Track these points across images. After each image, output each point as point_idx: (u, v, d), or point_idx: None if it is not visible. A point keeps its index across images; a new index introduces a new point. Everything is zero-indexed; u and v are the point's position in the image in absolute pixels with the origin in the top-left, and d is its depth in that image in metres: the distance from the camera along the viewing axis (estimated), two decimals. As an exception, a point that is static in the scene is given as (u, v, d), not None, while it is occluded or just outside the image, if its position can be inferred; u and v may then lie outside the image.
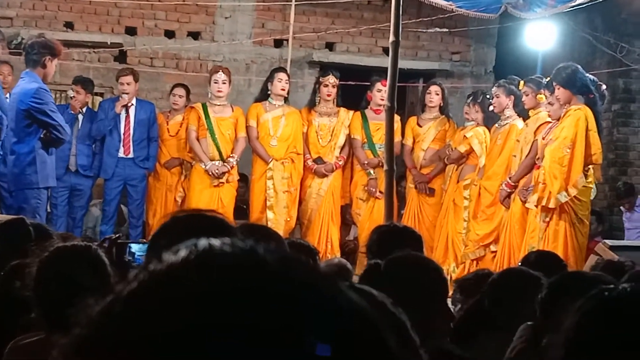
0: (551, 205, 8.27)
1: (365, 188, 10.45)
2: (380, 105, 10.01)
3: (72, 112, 10.37)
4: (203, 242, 0.88)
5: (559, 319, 2.43)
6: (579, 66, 8.66)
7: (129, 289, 0.86)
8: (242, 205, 10.73)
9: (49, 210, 9.59)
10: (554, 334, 2.59)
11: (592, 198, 8.70)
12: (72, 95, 10.53)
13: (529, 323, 3.69)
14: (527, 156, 9.06)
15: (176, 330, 0.80)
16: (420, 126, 10.70)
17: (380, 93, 10.13)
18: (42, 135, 8.20)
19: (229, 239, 0.89)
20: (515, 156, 9.35)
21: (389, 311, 1.39)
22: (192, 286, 0.83)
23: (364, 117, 10.61)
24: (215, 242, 0.88)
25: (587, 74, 8.72)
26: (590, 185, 8.40)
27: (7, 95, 8.62)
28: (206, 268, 0.85)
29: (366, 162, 10.48)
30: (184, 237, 0.92)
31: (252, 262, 0.86)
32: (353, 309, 0.87)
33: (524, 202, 8.84)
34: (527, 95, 9.34)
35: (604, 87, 8.92)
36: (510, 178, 9.22)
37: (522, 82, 9.50)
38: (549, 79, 8.89)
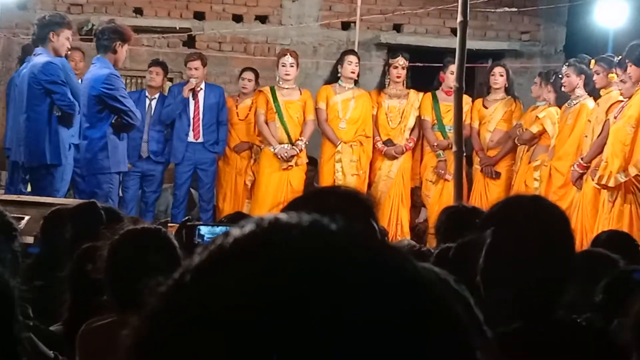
0: (610, 184, 8.16)
1: (435, 170, 10.41)
2: (452, 87, 9.95)
3: (149, 95, 10.49)
4: (269, 216, 0.88)
5: (628, 302, 2.41)
6: (653, 44, 8.49)
7: (197, 262, 0.86)
8: (314, 187, 10.76)
9: (120, 195, 9.69)
10: (623, 317, 2.57)
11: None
12: (150, 77, 10.63)
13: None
14: (598, 136, 8.93)
15: (241, 304, 0.80)
16: (486, 107, 10.62)
17: (453, 75, 10.06)
18: (113, 121, 8.30)
19: (296, 214, 0.89)
20: (586, 136, 9.23)
21: (452, 288, 1.39)
22: (257, 261, 0.83)
23: (435, 99, 10.56)
24: (282, 216, 0.88)
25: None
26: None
27: (80, 80, 8.73)
28: (272, 242, 0.85)
29: (436, 143, 10.43)
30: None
31: (320, 237, 0.86)
32: (422, 281, 0.86)
33: (594, 181, 8.74)
34: (598, 74, 9.20)
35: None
36: (582, 158, 9.10)
37: (593, 61, 9.35)
38: (620, 57, 8.75)
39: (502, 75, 10.56)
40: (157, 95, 10.59)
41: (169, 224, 6.25)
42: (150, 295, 0.88)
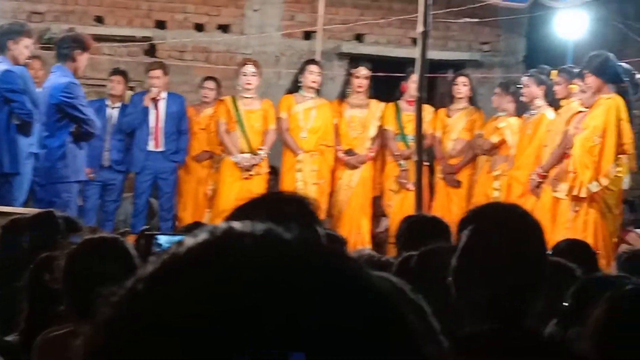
0: (582, 194, 8.23)
1: (397, 179, 10.44)
2: (414, 96, 10.00)
3: (110, 103, 10.45)
4: (223, 225, 0.88)
5: (585, 311, 2.43)
6: (612, 55, 8.58)
7: (150, 270, 0.86)
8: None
9: (80, 204, 9.64)
10: (581, 326, 2.59)
11: (626, 188, 8.62)
12: (111, 86, 10.59)
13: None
14: (558, 146, 9.01)
15: (194, 313, 0.80)
16: (449, 117, 10.68)
17: (415, 84, 10.11)
18: (72, 130, 8.25)
19: (250, 222, 0.88)
20: (546, 146, 9.30)
21: (408, 297, 1.39)
22: (210, 269, 0.83)
23: (397, 108, 10.59)
24: (236, 224, 0.88)
25: (620, 63, 8.63)
26: (620, 175, 8.33)
27: (39, 89, 8.67)
28: (225, 250, 0.84)
29: (398, 153, 10.47)
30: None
31: (274, 245, 0.85)
32: (375, 290, 0.86)
33: (554, 191, 8.80)
34: (559, 84, 9.28)
35: (638, 75, 8.81)
36: (541, 167, 9.17)
37: (555, 72, 9.43)
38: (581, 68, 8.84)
39: (465, 85, 10.61)
40: (118, 104, 10.55)
41: (129, 234, 6.24)
42: (104, 304, 0.87)
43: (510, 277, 2.52)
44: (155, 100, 10.43)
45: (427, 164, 10.13)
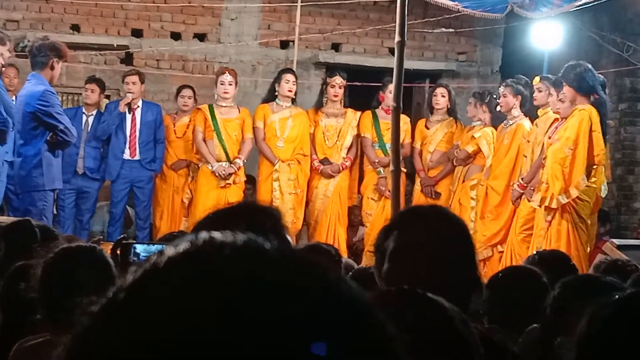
0: (553, 205, 8.26)
1: (376, 187, 10.44)
2: (391, 105, 10.01)
3: (86, 111, 10.42)
4: (204, 235, 0.88)
5: (570, 321, 2.43)
6: (589, 66, 8.59)
7: (131, 281, 0.85)
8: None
9: (55, 212, 9.59)
10: (566, 336, 2.59)
11: (603, 196, 8.65)
12: (86, 95, 10.56)
13: (535, 325, 3.67)
14: (539, 157, 9.02)
15: (175, 324, 0.79)
16: (428, 128, 10.70)
17: (392, 94, 10.12)
18: (48, 138, 8.21)
19: (230, 232, 0.88)
20: (526, 157, 9.32)
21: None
22: (191, 279, 0.83)
23: (375, 117, 10.60)
24: (217, 234, 0.88)
25: (597, 74, 8.65)
26: (594, 186, 8.35)
27: (14, 98, 8.63)
28: (206, 261, 0.84)
29: (376, 160, 10.47)
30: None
31: (254, 255, 0.85)
32: (354, 300, 0.86)
33: (529, 201, 8.85)
34: (540, 91, 9.27)
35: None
36: (522, 179, 9.19)
37: (537, 78, 9.43)
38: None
39: (443, 96, 10.63)
40: (94, 112, 10.51)
41: (102, 242, 6.20)
42: (83, 314, 0.86)
43: (438, 277, 2.49)
44: (131, 108, 10.40)
45: (405, 170, 10.14)
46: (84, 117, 10.44)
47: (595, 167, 8.35)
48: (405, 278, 2.49)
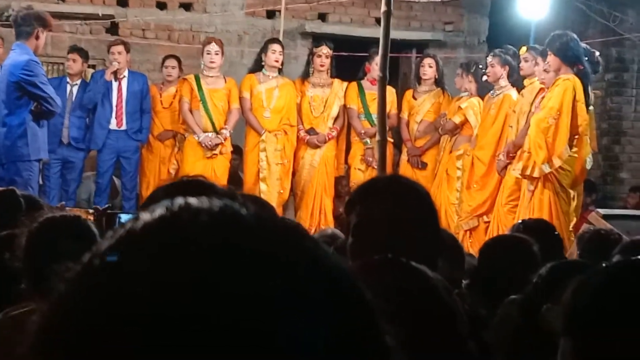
0: (535, 174, 8.28)
1: (363, 158, 10.45)
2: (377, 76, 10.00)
3: (70, 81, 10.37)
4: (180, 200, 0.87)
5: (557, 291, 2.43)
6: (575, 36, 8.58)
7: (106, 246, 0.85)
8: (239, 176, 10.73)
9: (41, 182, 9.57)
10: (553, 304, 2.59)
11: (588, 168, 8.67)
12: (68, 64, 10.52)
13: (513, 297, 3.67)
14: (524, 126, 9.01)
15: (150, 288, 0.79)
16: (416, 99, 10.70)
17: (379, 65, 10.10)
18: (32, 108, 8.17)
19: (207, 198, 0.88)
20: (511, 127, 9.32)
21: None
22: (167, 244, 0.82)
23: (360, 88, 10.60)
24: (193, 200, 0.87)
25: (582, 44, 8.64)
26: (576, 155, 8.36)
27: (-2, 67, 8.58)
28: (182, 226, 0.84)
29: (363, 131, 10.47)
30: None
31: (230, 220, 0.85)
32: (332, 265, 0.85)
33: (512, 170, 8.87)
34: (527, 61, 9.25)
35: (597, 54, 8.81)
36: (507, 148, 9.19)
37: (524, 48, 9.42)
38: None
39: (431, 67, 10.63)
40: (78, 82, 10.48)
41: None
42: (59, 280, 0.86)
43: (400, 247, 2.45)
44: (117, 78, 10.37)
45: (392, 140, 10.15)
46: (68, 87, 10.41)
47: (577, 137, 8.36)
48: (368, 251, 2.49)
